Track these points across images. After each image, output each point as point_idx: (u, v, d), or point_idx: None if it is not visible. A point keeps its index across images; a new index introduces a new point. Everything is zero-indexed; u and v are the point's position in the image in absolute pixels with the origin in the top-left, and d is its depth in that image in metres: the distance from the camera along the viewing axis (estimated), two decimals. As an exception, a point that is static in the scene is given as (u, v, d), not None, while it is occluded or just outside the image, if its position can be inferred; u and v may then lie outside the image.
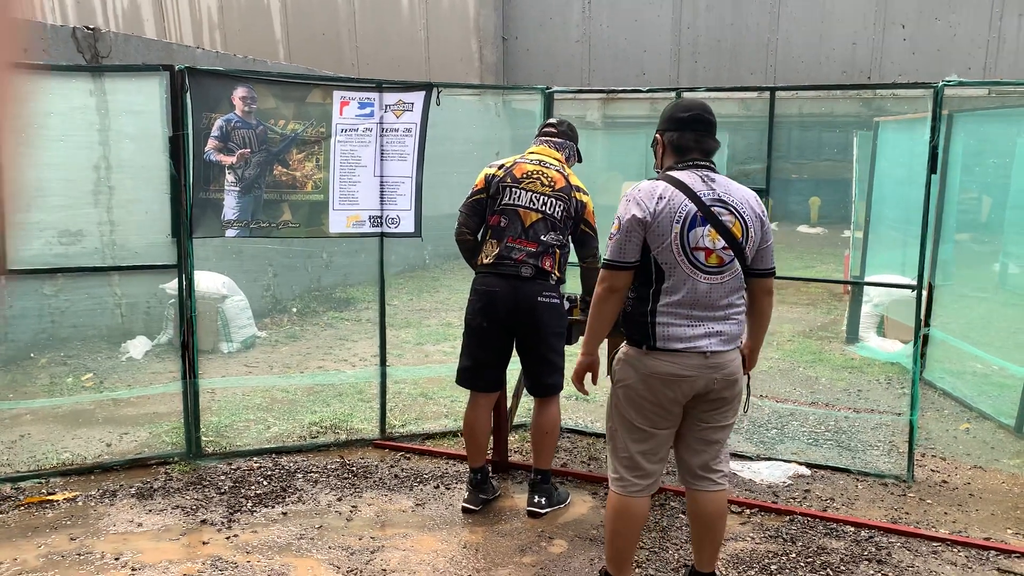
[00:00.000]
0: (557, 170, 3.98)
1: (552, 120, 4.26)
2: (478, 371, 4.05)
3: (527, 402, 4.70)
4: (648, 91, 4.77)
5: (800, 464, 4.60)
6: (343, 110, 4.61)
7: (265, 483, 4.34)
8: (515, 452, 4.73)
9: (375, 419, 5.12)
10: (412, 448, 4.84)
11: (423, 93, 4.68)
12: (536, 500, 3.99)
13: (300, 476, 4.44)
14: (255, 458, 4.68)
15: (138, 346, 6.86)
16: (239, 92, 4.43)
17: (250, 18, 15.86)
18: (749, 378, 3.33)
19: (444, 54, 14.91)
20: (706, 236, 2.83)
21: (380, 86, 4.66)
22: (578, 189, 3.97)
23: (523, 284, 3.87)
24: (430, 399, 5.80)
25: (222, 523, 3.88)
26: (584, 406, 5.59)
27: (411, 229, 4.77)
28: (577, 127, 4.34)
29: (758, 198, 2.99)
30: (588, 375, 3.17)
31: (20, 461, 4.53)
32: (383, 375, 5.03)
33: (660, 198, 2.84)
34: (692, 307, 2.87)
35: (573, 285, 4.16)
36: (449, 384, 6.01)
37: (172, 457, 4.62)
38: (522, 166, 3.98)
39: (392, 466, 4.59)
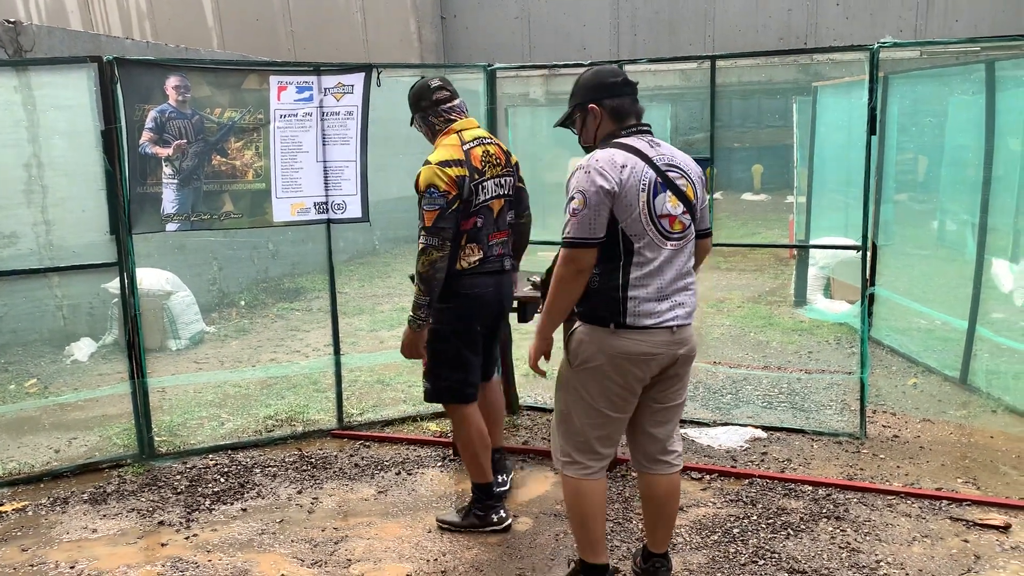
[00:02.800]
0: (494, 143, 3.65)
1: (438, 83, 3.62)
2: (471, 379, 3.66)
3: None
4: (590, 64, 4.73)
5: (756, 427, 4.67)
6: (281, 95, 4.50)
7: (222, 480, 4.26)
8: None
9: (332, 409, 5.06)
10: (371, 436, 4.80)
11: (363, 75, 4.60)
12: (499, 479, 3.98)
13: (258, 471, 4.37)
14: (210, 455, 4.59)
15: (83, 348, 6.67)
16: (172, 81, 4.30)
17: (180, 6, 15.41)
18: None
19: (382, 36, 14.69)
20: (668, 202, 2.77)
21: (318, 69, 4.57)
22: (510, 152, 3.75)
23: (504, 277, 3.68)
24: (387, 385, 5.75)
25: (180, 523, 3.80)
26: (541, 383, 5.59)
27: (358, 214, 4.70)
28: (521, 104, 4.26)
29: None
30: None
31: (-36, 473, 4.38)
32: (337, 364, 4.97)
33: (623, 167, 2.72)
34: (661, 278, 2.78)
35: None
36: (406, 369, 5.97)
37: (124, 459, 4.50)
38: (473, 152, 3.50)
39: (351, 455, 4.54)
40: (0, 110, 5.95)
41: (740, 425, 4.72)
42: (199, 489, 4.16)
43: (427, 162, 3.44)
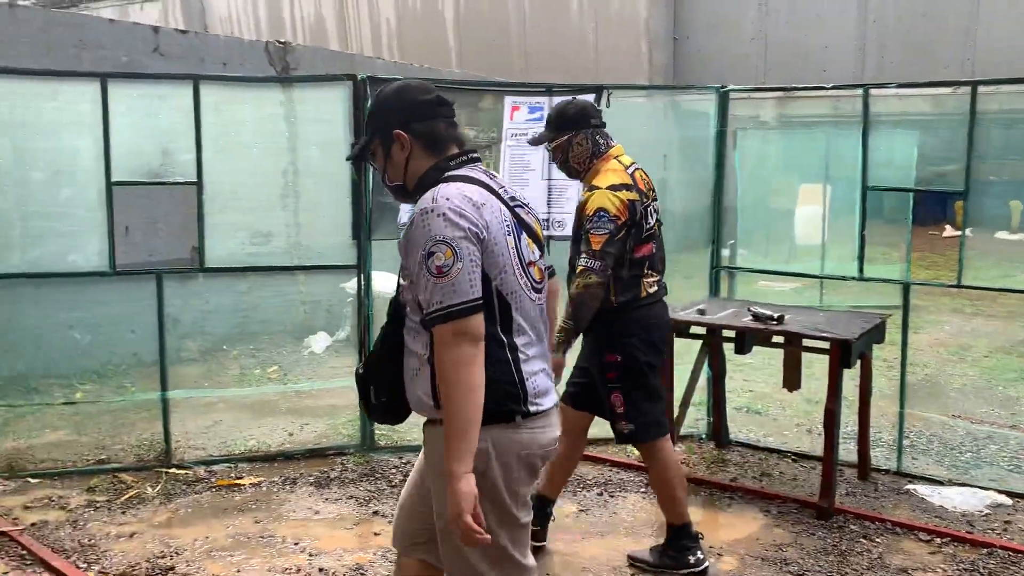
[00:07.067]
0: (642, 170, 3.48)
1: (595, 105, 3.77)
2: (664, 410, 3.65)
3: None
4: (832, 88, 4.51)
5: (999, 492, 4.19)
6: (513, 115, 4.66)
7: (433, 479, 4.44)
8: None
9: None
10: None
11: (593, 96, 4.65)
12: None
13: (466, 474, 4.51)
14: (424, 454, 4.80)
15: (319, 341, 7.23)
16: (416, 99, 4.56)
17: (425, 28, 16.45)
18: None
19: (613, 57, 14.84)
20: (527, 247, 2.21)
21: (550, 90, 4.68)
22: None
23: (667, 305, 3.59)
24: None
25: (392, 515, 3.99)
26: (756, 419, 5.37)
27: (579, 232, 4.75)
28: (750, 127, 4.09)
29: None
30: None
31: (213, 446, 4.89)
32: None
33: (482, 204, 2.10)
34: (540, 344, 2.23)
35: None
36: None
37: (348, 448, 4.82)
38: (638, 177, 3.39)
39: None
40: (267, 122, 6.60)
41: (980, 487, 4.25)
42: (411, 485, 4.36)
43: (594, 187, 3.29)
